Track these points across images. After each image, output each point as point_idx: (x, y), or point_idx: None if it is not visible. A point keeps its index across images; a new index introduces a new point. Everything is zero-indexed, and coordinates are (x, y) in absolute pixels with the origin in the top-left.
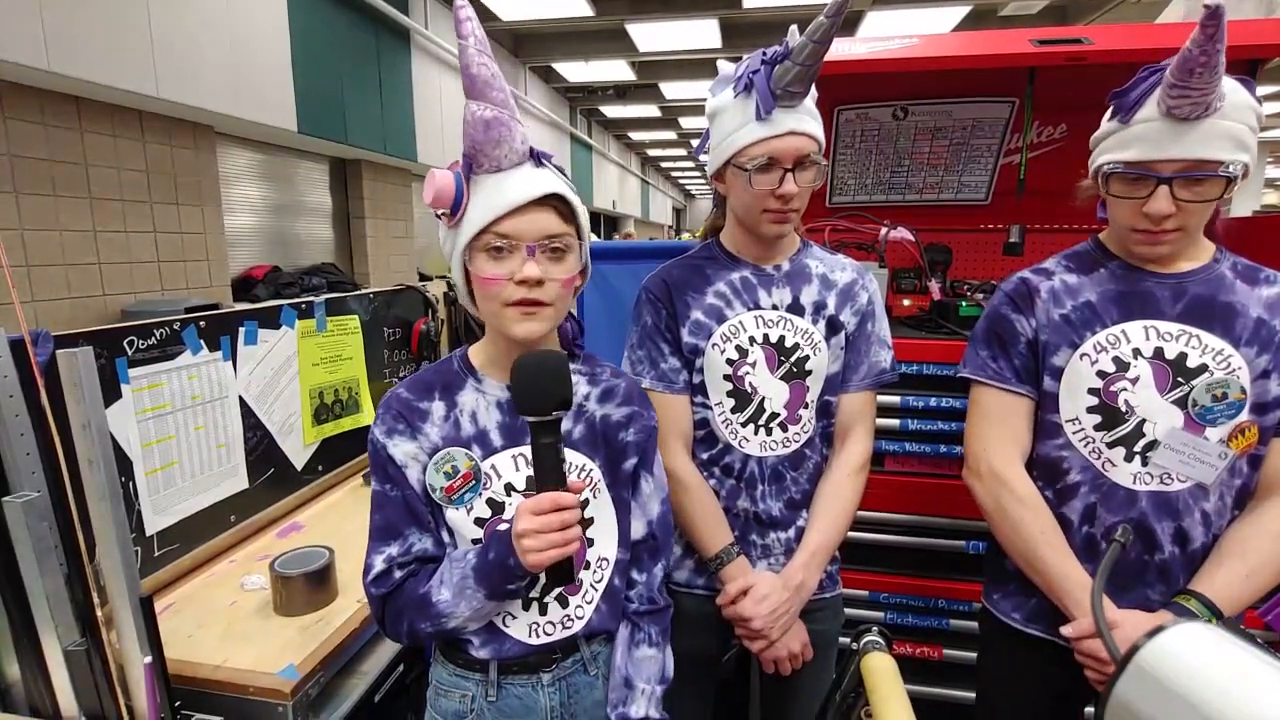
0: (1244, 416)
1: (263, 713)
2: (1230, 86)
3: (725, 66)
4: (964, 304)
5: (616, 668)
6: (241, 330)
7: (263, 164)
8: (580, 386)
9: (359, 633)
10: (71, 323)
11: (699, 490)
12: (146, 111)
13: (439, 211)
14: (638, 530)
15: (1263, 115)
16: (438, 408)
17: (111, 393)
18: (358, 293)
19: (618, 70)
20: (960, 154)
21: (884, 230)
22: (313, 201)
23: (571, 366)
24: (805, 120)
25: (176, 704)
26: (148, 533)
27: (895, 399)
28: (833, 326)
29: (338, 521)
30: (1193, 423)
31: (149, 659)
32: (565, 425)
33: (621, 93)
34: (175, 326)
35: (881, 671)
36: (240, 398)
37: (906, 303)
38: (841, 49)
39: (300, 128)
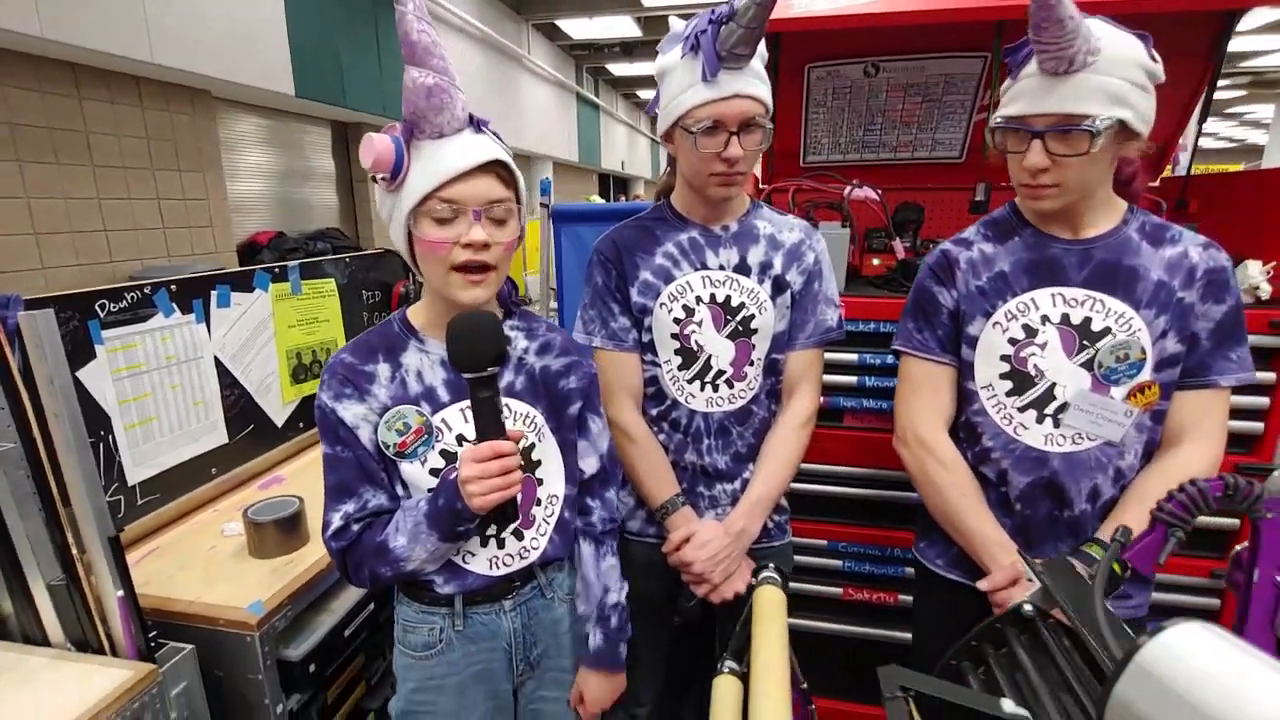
0: (1145, 375)
1: (232, 642)
2: (1111, 41)
3: (676, 23)
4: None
5: (591, 581)
6: (214, 294)
7: (265, 129)
8: (519, 341)
9: (326, 573)
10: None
11: (646, 444)
12: (143, 78)
13: (379, 176)
14: (591, 465)
15: (1156, 69)
16: (383, 369)
17: (86, 353)
18: (333, 257)
19: (623, 26)
20: (934, 111)
21: (848, 189)
22: (316, 166)
23: (509, 323)
24: (751, 83)
25: (152, 633)
26: (129, 483)
27: (853, 356)
28: (779, 286)
29: (318, 476)
30: (1099, 383)
31: (120, 593)
32: (508, 377)
33: (628, 50)
34: (146, 290)
35: (766, 602)
36: (215, 358)
37: (876, 262)
38: (808, 4)
39: (298, 91)
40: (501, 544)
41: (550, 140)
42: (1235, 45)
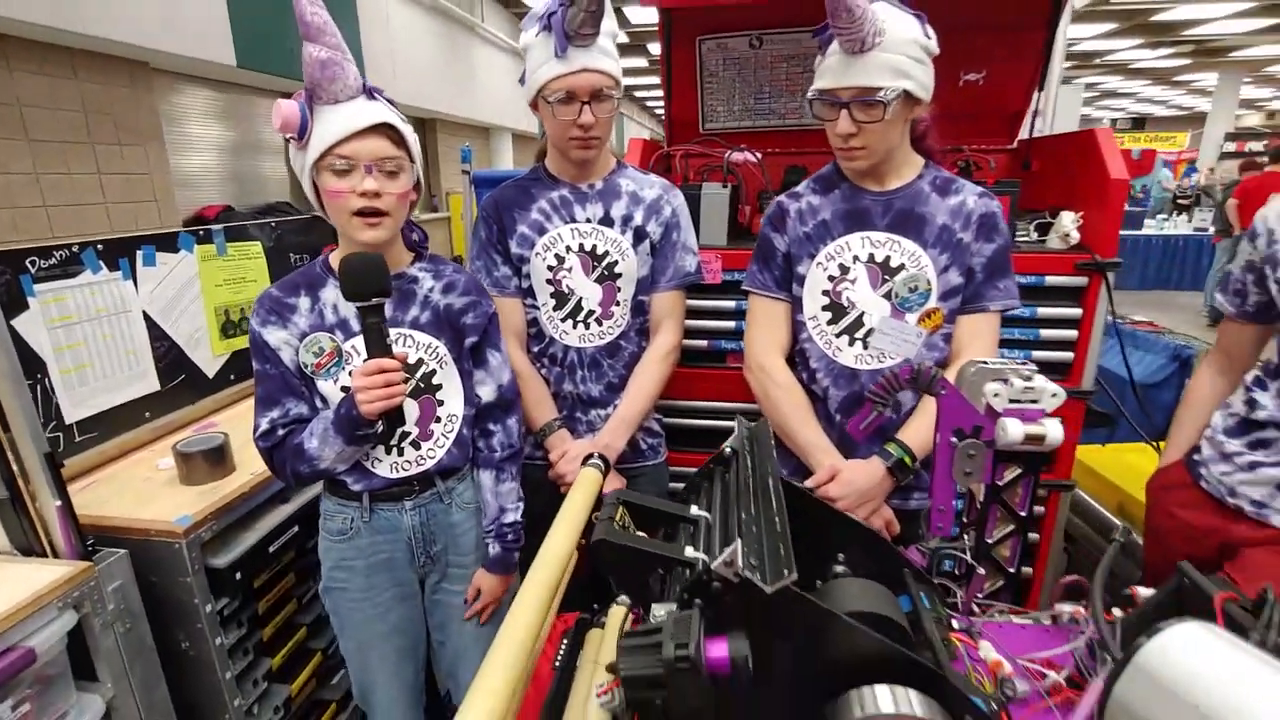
0: (932, 303)
1: (162, 550)
2: (894, 24)
3: (536, 3)
4: None
5: (488, 503)
6: (140, 253)
7: (210, 102)
8: (426, 280)
9: (249, 495)
10: None
11: (528, 377)
12: (77, 50)
13: (288, 136)
14: (489, 394)
15: (930, 45)
16: (304, 302)
17: (19, 304)
18: (259, 221)
19: None
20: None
21: (728, 153)
22: (266, 139)
23: (418, 265)
24: (599, 59)
25: (89, 541)
26: (67, 421)
27: (730, 304)
28: (639, 236)
29: (248, 421)
30: (896, 311)
31: (58, 502)
32: (413, 312)
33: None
34: (74, 249)
35: (580, 480)
36: (144, 313)
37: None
38: None
39: (239, 61)
40: (402, 452)
41: (508, 111)
42: (1178, 14)
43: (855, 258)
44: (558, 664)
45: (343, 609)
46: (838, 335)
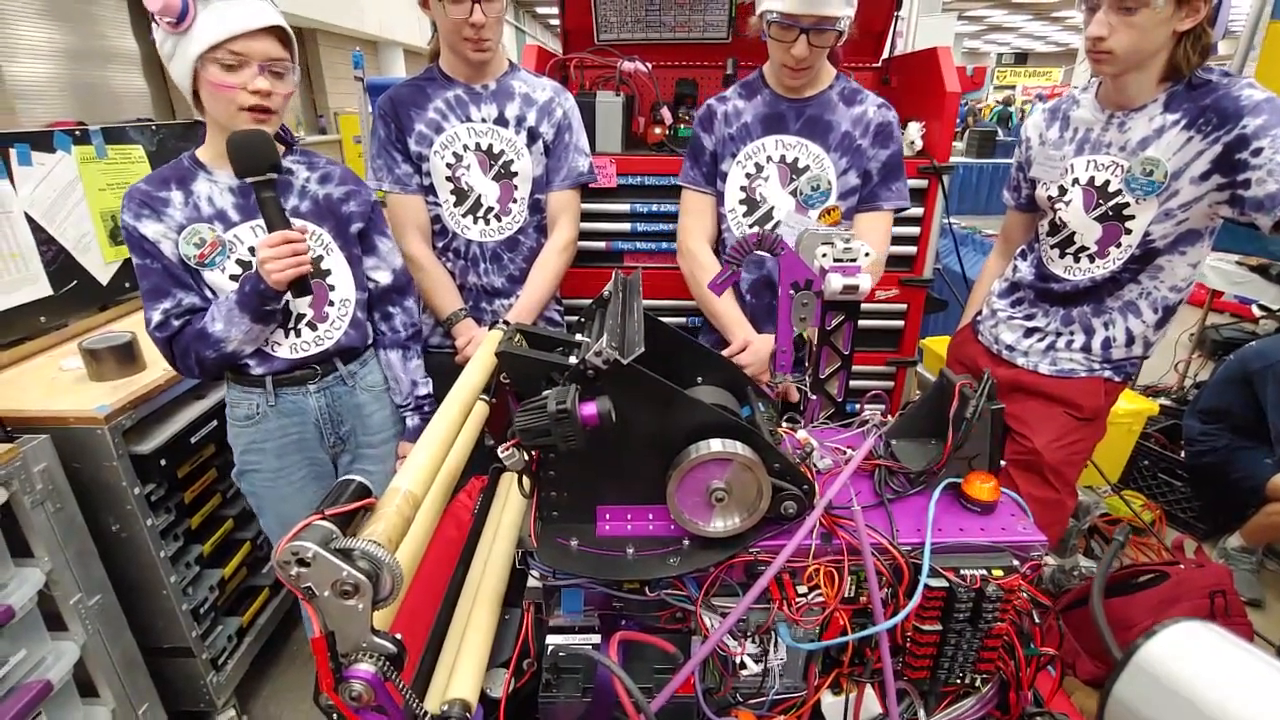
0: (831, 201)
1: (85, 436)
2: None
3: None
4: (682, 128)
5: (400, 379)
6: (14, 152)
7: (40, 1)
8: (301, 171)
9: (165, 388)
10: None
11: (433, 269)
12: None
13: (164, 19)
14: (384, 278)
15: None
16: (176, 196)
17: None
18: (138, 123)
19: None
20: None
21: (621, 62)
22: (116, 46)
23: (290, 158)
24: None
25: (9, 429)
26: None
27: (625, 207)
28: (532, 136)
29: None
30: (800, 206)
31: None
32: (293, 201)
33: None
34: None
35: (488, 338)
36: (26, 214)
37: (657, 130)
38: None
39: None
40: (300, 334)
41: (397, 24)
42: None
43: (769, 158)
44: (476, 511)
45: (259, 488)
46: (751, 226)
